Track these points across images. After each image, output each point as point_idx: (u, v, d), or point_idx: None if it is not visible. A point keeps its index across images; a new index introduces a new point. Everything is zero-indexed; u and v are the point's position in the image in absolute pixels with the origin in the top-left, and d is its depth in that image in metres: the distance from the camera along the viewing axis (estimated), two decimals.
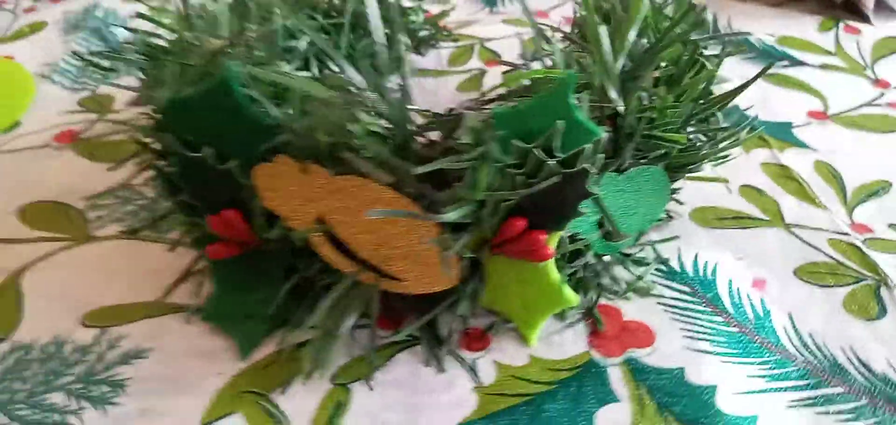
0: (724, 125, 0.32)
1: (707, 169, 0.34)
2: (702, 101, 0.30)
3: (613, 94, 0.27)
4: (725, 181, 0.37)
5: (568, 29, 0.34)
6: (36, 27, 0.55)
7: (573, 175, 0.23)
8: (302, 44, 0.33)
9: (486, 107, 0.28)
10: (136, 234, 0.34)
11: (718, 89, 0.31)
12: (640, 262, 0.32)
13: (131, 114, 0.39)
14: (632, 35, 0.28)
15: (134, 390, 0.27)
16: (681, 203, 0.35)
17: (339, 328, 0.27)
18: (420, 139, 0.25)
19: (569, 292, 0.27)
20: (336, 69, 0.36)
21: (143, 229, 0.34)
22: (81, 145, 0.41)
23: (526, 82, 0.29)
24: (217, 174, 0.25)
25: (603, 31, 0.28)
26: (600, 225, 0.29)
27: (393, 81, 0.32)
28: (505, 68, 0.46)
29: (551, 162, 0.23)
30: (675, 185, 0.32)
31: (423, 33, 0.44)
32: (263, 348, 0.29)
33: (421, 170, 0.23)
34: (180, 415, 0.26)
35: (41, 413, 0.26)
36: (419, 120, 0.26)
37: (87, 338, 0.29)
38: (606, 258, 0.31)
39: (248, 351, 0.28)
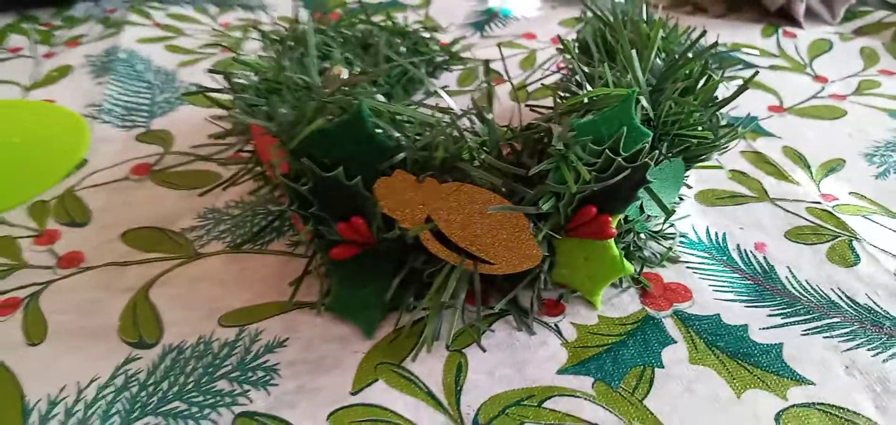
0: (726, 123, 0.39)
1: (714, 158, 0.42)
2: (711, 104, 0.38)
3: (645, 103, 0.35)
4: (721, 167, 0.44)
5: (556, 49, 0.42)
6: (63, 71, 0.59)
7: (636, 168, 0.30)
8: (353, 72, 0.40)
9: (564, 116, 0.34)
10: (240, 249, 0.40)
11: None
12: (668, 237, 0.40)
13: (205, 145, 0.45)
14: (653, 57, 0.36)
15: (286, 373, 0.33)
16: (689, 187, 0.42)
17: (448, 305, 0.33)
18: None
19: (626, 263, 0.34)
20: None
21: (245, 243, 0.40)
22: (158, 175, 0.46)
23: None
24: (345, 189, 0.31)
25: (634, 53, 0.36)
26: (640, 208, 0.36)
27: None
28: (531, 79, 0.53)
29: (620, 159, 0.30)
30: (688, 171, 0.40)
31: (439, 59, 0.51)
32: (384, 329, 0.35)
33: (535, 170, 0.30)
34: (333, 388, 0.32)
35: (212, 397, 0.32)
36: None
37: (230, 335, 0.35)
38: (642, 235, 0.38)
39: (371, 333, 0.34)
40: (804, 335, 0.34)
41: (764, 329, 0.35)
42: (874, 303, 0.36)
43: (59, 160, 0.47)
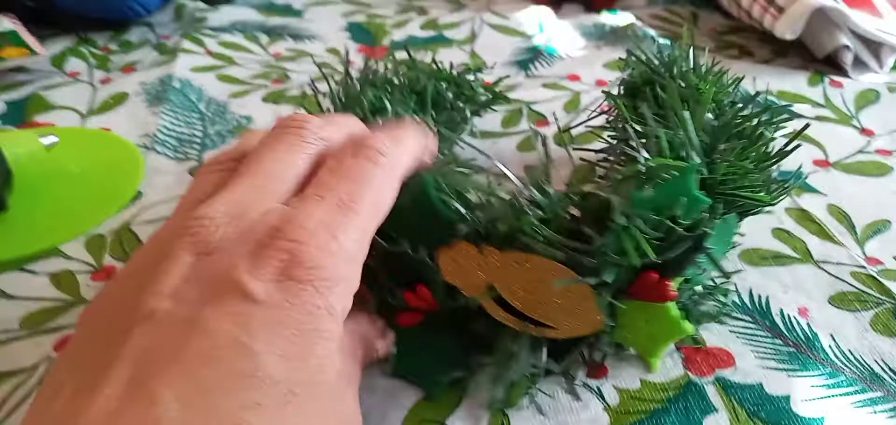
0: (777, 177, 0.39)
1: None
2: (765, 162, 0.38)
3: (699, 162, 0.35)
4: (771, 210, 0.43)
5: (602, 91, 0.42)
6: (119, 98, 0.61)
7: (697, 237, 0.31)
8: None
9: (622, 185, 0.33)
10: None
11: None
12: (724, 293, 0.40)
13: None
14: (708, 116, 0.37)
15: None
16: (742, 234, 0.42)
17: (512, 369, 0.34)
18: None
19: (685, 323, 0.34)
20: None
21: None
22: None
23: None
24: (409, 259, 0.32)
25: (687, 115, 0.36)
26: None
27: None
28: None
29: (681, 230, 0.31)
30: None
31: (483, 98, 0.52)
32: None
33: (599, 244, 0.30)
34: None
35: None
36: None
37: None
38: (697, 288, 0.39)
39: (435, 396, 0.35)
40: (848, 408, 0.35)
41: (806, 400, 0.35)
42: None
43: (115, 192, 0.49)
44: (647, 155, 0.34)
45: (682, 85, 0.41)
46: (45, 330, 0.38)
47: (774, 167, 0.39)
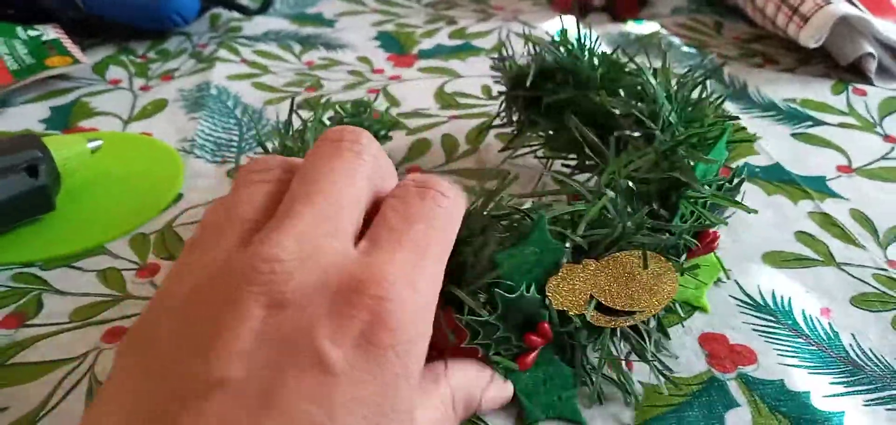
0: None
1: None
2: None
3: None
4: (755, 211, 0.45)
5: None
6: (159, 105, 0.63)
7: (735, 188, 0.38)
8: None
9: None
10: None
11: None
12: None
13: None
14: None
15: None
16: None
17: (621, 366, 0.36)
18: None
19: (721, 263, 0.41)
20: None
21: None
22: None
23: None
24: (523, 302, 0.33)
25: (661, 90, 0.41)
26: None
27: None
28: None
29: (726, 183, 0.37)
30: None
31: (381, 132, 0.53)
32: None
33: (679, 226, 0.34)
34: None
35: None
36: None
37: None
38: None
39: (580, 415, 0.36)
40: (866, 405, 0.35)
41: (827, 396, 0.36)
42: None
43: (157, 193, 0.51)
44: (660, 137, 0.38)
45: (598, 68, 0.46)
46: (93, 322, 0.40)
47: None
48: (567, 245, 0.33)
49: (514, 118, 0.51)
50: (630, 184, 0.35)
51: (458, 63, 0.71)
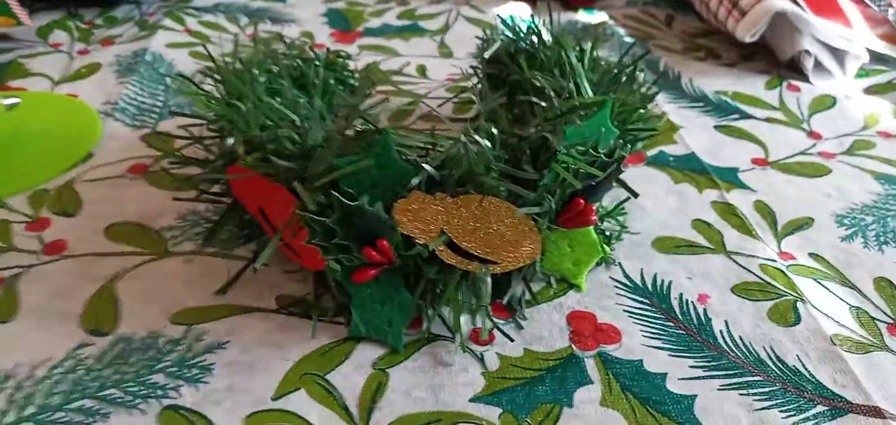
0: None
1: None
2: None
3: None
4: (636, 194, 0.44)
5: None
6: (92, 68, 0.63)
7: (616, 161, 0.36)
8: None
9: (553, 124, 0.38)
10: (206, 251, 0.42)
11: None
12: (621, 213, 0.45)
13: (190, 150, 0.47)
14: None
15: (219, 372, 0.35)
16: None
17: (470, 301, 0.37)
18: None
19: (603, 245, 0.40)
20: None
21: (211, 247, 0.43)
22: (151, 176, 0.49)
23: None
24: (367, 216, 0.33)
25: (580, 66, 0.41)
26: None
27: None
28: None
29: (603, 156, 0.35)
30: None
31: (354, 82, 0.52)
32: (321, 338, 0.37)
33: (544, 184, 0.34)
34: (257, 391, 0.34)
35: (147, 388, 0.34)
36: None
37: (177, 333, 0.37)
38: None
39: (401, 346, 0.36)
40: (721, 389, 0.35)
41: (682, 379, 0.36)
42: (802, 365, 0.37)
43: (67, 152, 0.51)
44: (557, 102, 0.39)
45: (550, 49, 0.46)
46: None
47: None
48: (419, 173, 0.34)
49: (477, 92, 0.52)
50: (493, 130, 0.35)
51: (401, 43, 0.71)
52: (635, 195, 0.41)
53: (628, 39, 0.71)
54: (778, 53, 0.66)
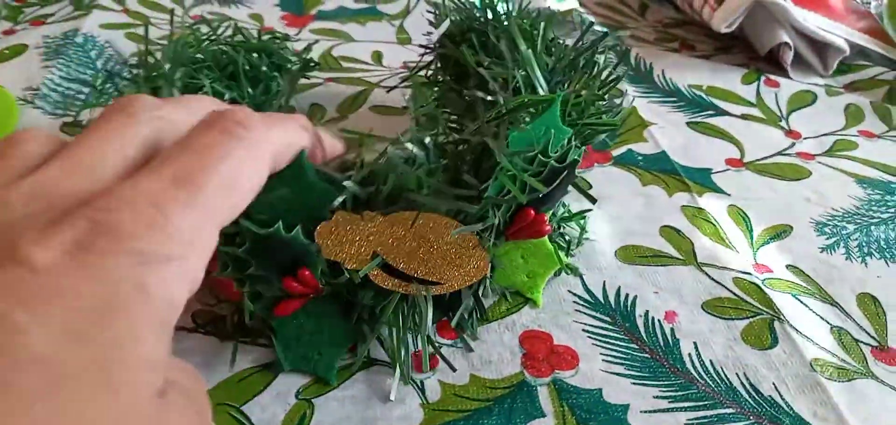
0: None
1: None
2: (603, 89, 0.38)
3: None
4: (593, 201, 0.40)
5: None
6: (16, 50, 0.58)
7: (568, 167, 0.31)
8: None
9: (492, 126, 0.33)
10: None
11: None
12: (582, 217, 0.41)
13: None
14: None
15: None
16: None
17: (407, 327, 0.33)
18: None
19: (560, 255, 0.36)
20: None
21: None
22: None
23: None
24: (284, 243, 0.29)
25: (530, 54, 0.37)
26: None
27: None
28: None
29: (552, 162, 0.31)
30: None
31: (295, 67, 0.48)
32: (239, 364, 0.33)
33: (487, 193, 0.30)
34: None
35: None
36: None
37: None
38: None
39: (333, 377, 0.32)
40: (688, 424, 0.31)
41: (645, 412, 0.32)
42: (779, 395, 0.33)
43: None
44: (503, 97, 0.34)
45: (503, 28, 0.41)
46: None
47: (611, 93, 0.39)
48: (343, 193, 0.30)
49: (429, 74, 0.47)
50: (425, 141, 0.31)
51: (356, 27, 0.66)
52: (593, 201, 0.37)
53: (599, 28, 0.67)
54: (756, 46, 0.62)
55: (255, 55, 0.42)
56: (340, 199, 0.29)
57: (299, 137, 0.29)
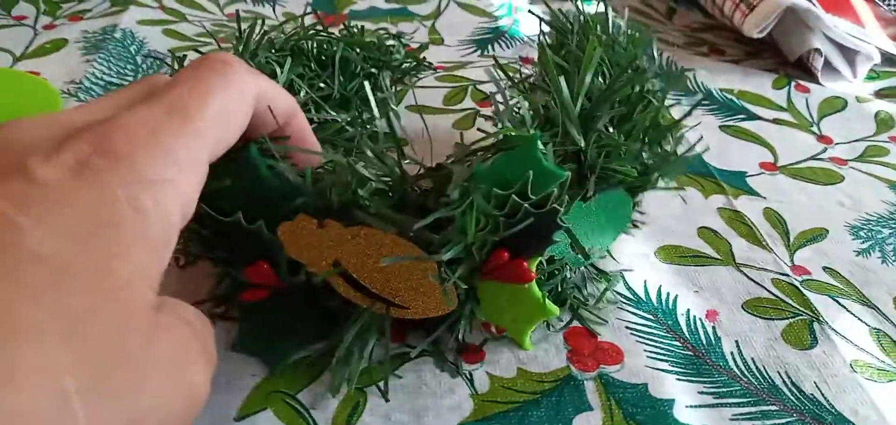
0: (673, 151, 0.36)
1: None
2: (650, 133, 0.34)
3: (575, 133, 0.32)
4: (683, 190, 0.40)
5: (529, 69, 0.39)
6: (57, 44, 0.59)
7: (545, 213, 0.28)
8: (300, 95, 0.38)
9: (470, 158, 0.30)
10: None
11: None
12: (607, 279, 0.37)
13: None
14: (588, 79, 0.33)
15: None
16: (643, 212, 0.38)
17: (361, 353, 0.32)
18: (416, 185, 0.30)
19: (551, 305, 0.32)
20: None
21: None
22: None
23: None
24: (246, 232, 0.29)
25: (562, 79, 0.32)
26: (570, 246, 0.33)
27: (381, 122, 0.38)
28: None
29: (526, 205, 0.28)
30: (639, 198, 0.37)
31: (405, 66, 0.48)
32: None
33: (417, 225, 0.27)
34: (219, 409, 0.31)
35: None
36: (414, 167, 0.30)
37: None
38: (582, 270, 0.36)
39: (277, 371, 0.33)
40: (733, 420, 0.32)
41: (691, 407, 0.32)
42: (821, 393, 0.33)
43: None
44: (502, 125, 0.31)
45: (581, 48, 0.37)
46: None
47: (672, 142, 0.35)
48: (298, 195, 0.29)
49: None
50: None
51: (388, 27, 0.67)
52: (587, 257, 0.34)
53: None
54: (786, 52, 0.62)
55: (356, 51, 0.43)
56: (300, 201, 0.29)
57: (282, 95, 0.30)
